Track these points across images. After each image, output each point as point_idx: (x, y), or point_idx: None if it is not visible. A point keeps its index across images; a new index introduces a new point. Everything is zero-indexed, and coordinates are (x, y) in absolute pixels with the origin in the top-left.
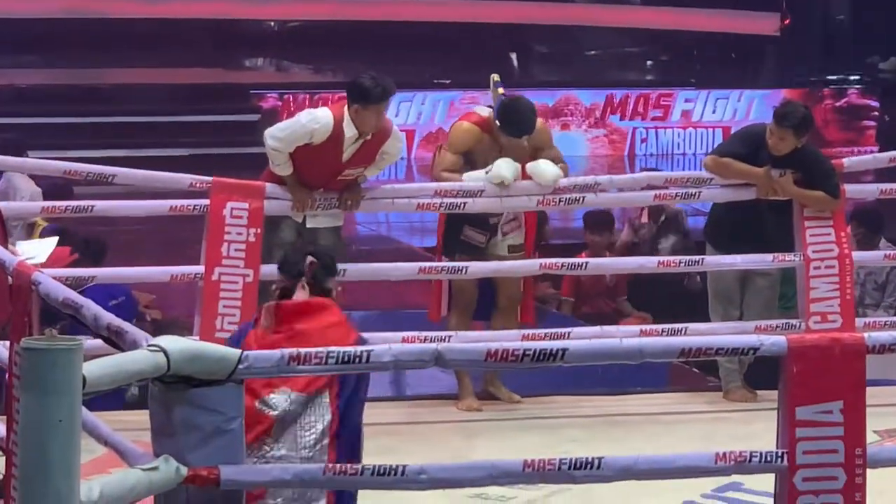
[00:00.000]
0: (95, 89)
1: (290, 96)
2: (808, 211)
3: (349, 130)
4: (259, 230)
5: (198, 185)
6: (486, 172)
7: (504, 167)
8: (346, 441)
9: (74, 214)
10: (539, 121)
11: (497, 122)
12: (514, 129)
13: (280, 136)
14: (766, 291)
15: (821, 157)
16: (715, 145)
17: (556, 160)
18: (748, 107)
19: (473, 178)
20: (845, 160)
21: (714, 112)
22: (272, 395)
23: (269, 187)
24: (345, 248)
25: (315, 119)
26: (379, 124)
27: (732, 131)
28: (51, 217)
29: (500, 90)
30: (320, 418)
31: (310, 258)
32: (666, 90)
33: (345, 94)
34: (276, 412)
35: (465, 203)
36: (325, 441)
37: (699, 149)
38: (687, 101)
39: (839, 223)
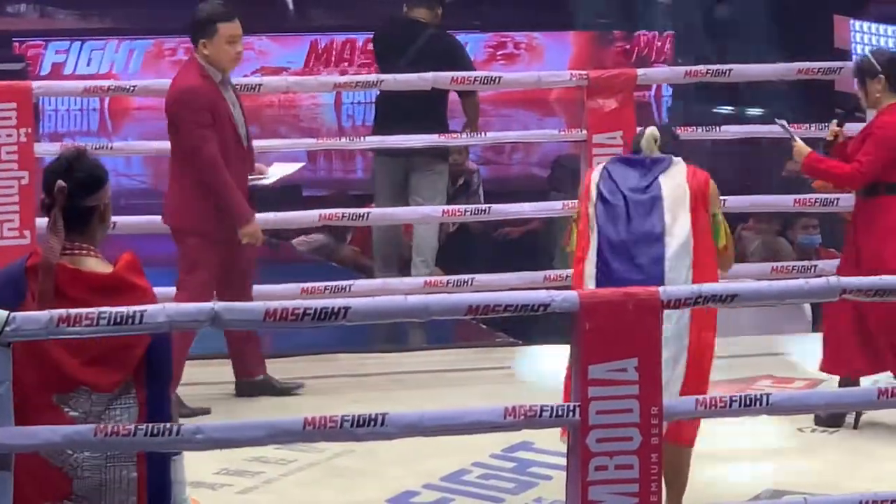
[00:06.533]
0: None
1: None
2: None
3: None
4: (30, 129)
5: None
6: None
7: None
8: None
9: None
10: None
11: None
12: None
13: None
14: None
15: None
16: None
17: None
18: (127, 59)
19: None
20: (639, 71)
21: (88, 65)
22: (71, 394)
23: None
24: None
25: None
26: None
27: (113, 85)
28: None
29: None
30: (125, 412)
31: (59, 183)
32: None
33: None
34: (75, 413)
35: None
36: None
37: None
38: (58, 52)
39: None
